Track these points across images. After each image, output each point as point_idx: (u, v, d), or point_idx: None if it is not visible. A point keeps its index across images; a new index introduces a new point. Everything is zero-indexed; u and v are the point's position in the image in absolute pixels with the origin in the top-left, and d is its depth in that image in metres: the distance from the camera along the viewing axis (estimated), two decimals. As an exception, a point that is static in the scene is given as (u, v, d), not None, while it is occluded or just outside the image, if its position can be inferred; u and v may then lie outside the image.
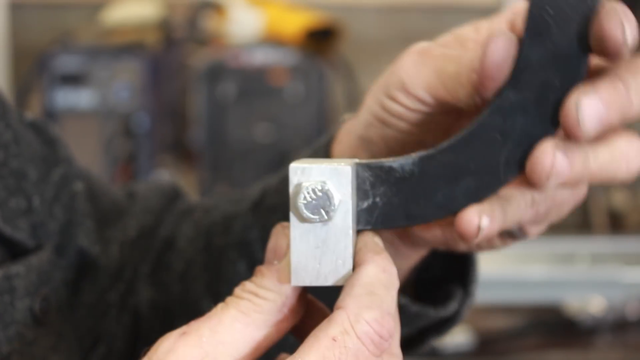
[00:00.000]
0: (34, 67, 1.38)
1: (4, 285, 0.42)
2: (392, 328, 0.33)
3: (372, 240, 0.35)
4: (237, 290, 0.35)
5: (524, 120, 0.35)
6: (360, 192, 0.36)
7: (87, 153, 1.25)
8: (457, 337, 1.05)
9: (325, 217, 0.33)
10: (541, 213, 0.38)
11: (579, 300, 1.09)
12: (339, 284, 0.34)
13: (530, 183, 0.34)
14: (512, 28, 0.38)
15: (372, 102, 0.41)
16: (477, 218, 0.35)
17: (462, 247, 0.43)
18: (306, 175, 0.33)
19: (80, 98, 1.30)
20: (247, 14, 1.38)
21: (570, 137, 0.34)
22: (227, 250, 0.50)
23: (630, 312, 1.09)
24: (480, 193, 0.35)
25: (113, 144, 1.27)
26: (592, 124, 0.33)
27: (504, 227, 0.37)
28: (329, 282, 0.34)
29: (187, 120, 1.42)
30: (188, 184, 1.36)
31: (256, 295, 0.34)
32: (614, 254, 1.21)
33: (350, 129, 0.44)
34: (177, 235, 0.54)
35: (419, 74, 0.39)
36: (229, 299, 0.35)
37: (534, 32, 0.34)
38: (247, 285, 0.35)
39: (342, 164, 0.34)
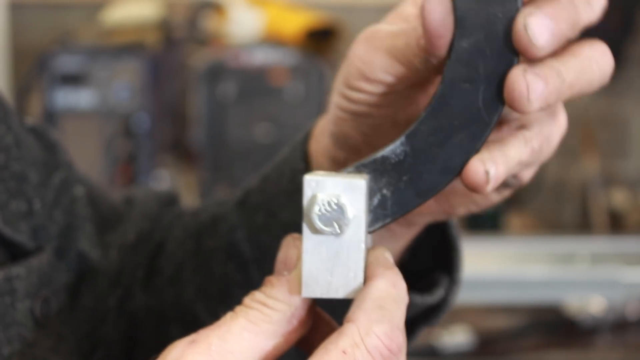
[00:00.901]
0: (34, 67, 1.38)
1: (5, 287, 0.42)
2: (402, 343, 0.33)
3: (383, 255, 0.35)
4: (247, 300, 0.35)
5: (485, 61, 0.35)
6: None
7: (87, 153, 1.25)
8: (458, 337, 1.06)
9: (338, 230, 0.34)
10: (536, 150, 0.39)
11: (579, 300, 1.09)
12: (350, 297, 0.34)
13: (516, 112, 0.35)
14: None
15: (337, 97, 0.42)
16: (482, 166, 0.36)
17: (460, 210, 0.44)
18: (320, 188, 0.34)
19: (80, 98, 1.30)
20: (247, 14, 1.38)
21: (529, 57, 0.34)
22: (215, 252, 0.51)
23: (630, 312, 1.10)
24: (474, 143, 0.36)
25: (113, 144, 1.27)
26: (544, 39, 0.34)
27: (509, 170, 0.37)
28: (339, 294, 0.34)
29: (187, 120, 1.42)
30: (188, 185, 1.36)
31: (265, 305, 0.34)
32: (614, 254, 1.21)
33: (323, 128, 0.45)
34: (167, 239, 0.55)
35: (372, 58, 0.39)
36: (238, 308, 0.34)
37: None
38: (257, 295, 0.35)
39: (357, 177, 0.35)
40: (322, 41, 1.38)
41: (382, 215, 0.36)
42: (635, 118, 1.41)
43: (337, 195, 0.34)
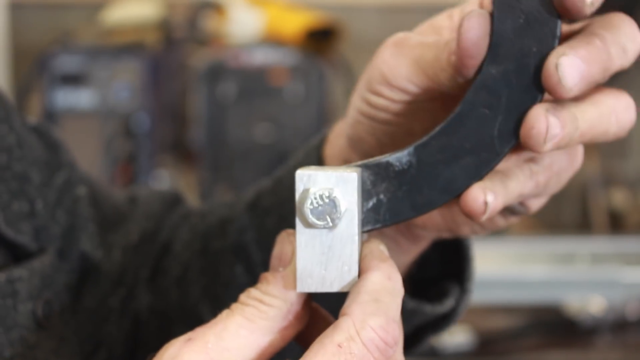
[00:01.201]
0: (34, 67, 1.37)
1: (7, 289, 0.42)
2: (397, 335, 0.33)
3: (378, 247, 0.35)
4: (242, 297, 0.35)
5: (509, 92, 0.35)
6: (363, 192, 0.36)
7: (87, 153, 1.23)
8: (458, 337, 1.06)
9: (331, 224, 0.34)
10: (541, 184, 0.38)
11: (579, 300, 1.10)
12: (345, 290, 0.34)
13: (528, 149, 0.35)
14: (481, 6, 0.39)
15: (357, 100, 0.41)
16: (482, 194, 0.35)
17: (465, 230, 0.43)
18: (312, 182, 0.34)
19: (80, 98, 1.29)
20: (247, 14, 1.38)
21: (556, 97, 0.34)
22: (223, 253, 0.51)
23: (630, 312, 1.10)
24: (480, 170, 0.36)
25: (113, 144, 1.26)
26: (574, 81, 0.33)
27: (507, 202, 0.37)
28: (334, 288, 0.34)
29: (187, 120, 1.42)
30: (188, 185, 1.36)
31: (261, 302, 0.34)
32: (614, 254, 1.21)
33: (340, 130, 0.45)
34: (174, 240, 0.54)
35: (398, 64, 0.39)
36: (234, 306, 0.34)
37: (503, 4, 0.34)
38: (252, 292, 0.35)
39: (348, 170, 0.34)
40: (322, 41, 1.38)
41: (373, 219, 0.36)
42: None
43: (330, 188, 0.33)
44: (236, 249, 0.50)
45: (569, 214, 1.39)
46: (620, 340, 1.09)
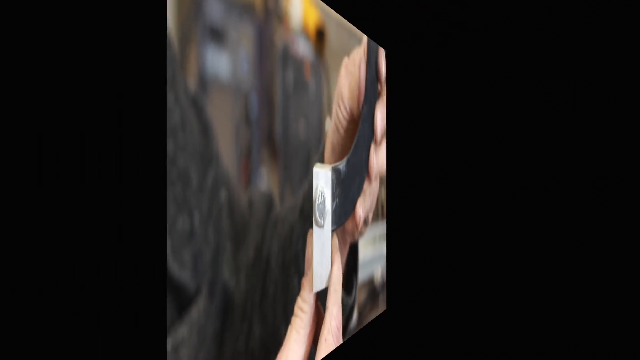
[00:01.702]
0: (190, 7, 0.65)
1: None
2: (341, 319, 0.34)
3: (336, 242, 0.37)
4: (295, 308, 0.35)
5: (367, 127, 0.40)
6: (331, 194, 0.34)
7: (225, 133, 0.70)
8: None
9: (322, 223, 0.33)
10: (373, 201, 0.44)
11: (378, 271, 1.55)
12: (326, 285, 0.33)
13: (369, 175, 0.39)
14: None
15: (334, 112, 0.45)
16: (360, 209, 0.39)
17: (357, 235, 0.48)
18: (319, 179, 0.33)
19: (222, 63, 0.73)
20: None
21: (376, 140, 0.38)
22: (289, 265, 0.51)
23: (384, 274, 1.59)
24: (361, 188, 0.39)
25: (240, 129, 0.74)
26: (380, 129, 0.39)
27: (365, 214, 0.41)
28: (324, 284, 0.33)
29: (275, 106, 1.00)
30: (273, 182, 1.01)
31: (301, 310, 0.34)
32: (382, 235, 1.70)
33: (328, 136, 0.49)
34: (270, 255, 0.52)
35: (345, 88, 0.43)
36: (292, 319, 0.35)
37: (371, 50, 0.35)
38: (298, 301, 0.35)
39: (326, 168, 0.34)
40: (321, 42, 1.28)
41: (337, 220, 0.37)
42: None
43: (323, 186, 0.33)
44: (294, 259, 0.50)
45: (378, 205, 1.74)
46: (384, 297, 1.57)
